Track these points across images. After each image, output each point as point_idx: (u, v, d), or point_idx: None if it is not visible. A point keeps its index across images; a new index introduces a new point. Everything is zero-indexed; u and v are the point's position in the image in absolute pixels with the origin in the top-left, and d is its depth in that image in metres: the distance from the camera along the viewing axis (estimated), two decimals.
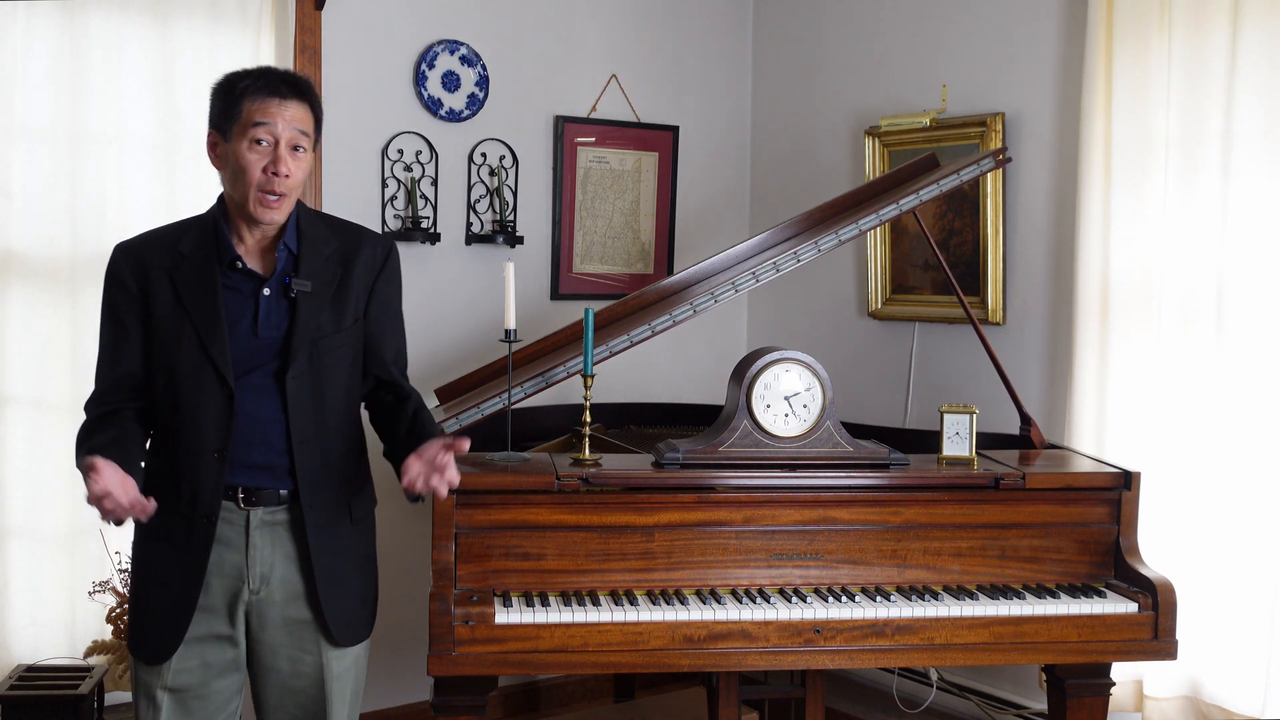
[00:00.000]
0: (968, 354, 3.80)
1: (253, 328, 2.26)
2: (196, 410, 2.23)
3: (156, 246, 2.30)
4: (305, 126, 2.25)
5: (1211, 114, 3.15)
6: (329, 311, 2.31)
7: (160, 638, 2.26)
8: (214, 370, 2.22)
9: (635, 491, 2.71)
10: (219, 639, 2.30)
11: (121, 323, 2.28)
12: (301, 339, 2.27)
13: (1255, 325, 3.10)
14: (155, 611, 2.27)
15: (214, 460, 2.23)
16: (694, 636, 2.60)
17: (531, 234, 4.16)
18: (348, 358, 2.36)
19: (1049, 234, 3.66)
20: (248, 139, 2.21)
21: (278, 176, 2.21)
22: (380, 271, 2.40)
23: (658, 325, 2.93)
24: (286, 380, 2.25)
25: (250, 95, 2.22)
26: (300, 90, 2.26)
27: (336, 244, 2.36)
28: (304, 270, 2.29)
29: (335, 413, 2.34)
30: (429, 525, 2.70)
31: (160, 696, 2.27)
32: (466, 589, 2.63)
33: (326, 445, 2.32)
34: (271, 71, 2.27)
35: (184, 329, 2.23)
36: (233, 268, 2.27)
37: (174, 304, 2.25)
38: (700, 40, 4.53)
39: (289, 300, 2.27)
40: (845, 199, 3.34)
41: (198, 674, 2.29)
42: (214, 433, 2.23)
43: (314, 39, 3.66)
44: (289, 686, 2.35)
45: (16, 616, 3.33)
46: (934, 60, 3.97)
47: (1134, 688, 3.32)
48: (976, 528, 2.82)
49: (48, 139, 3.32)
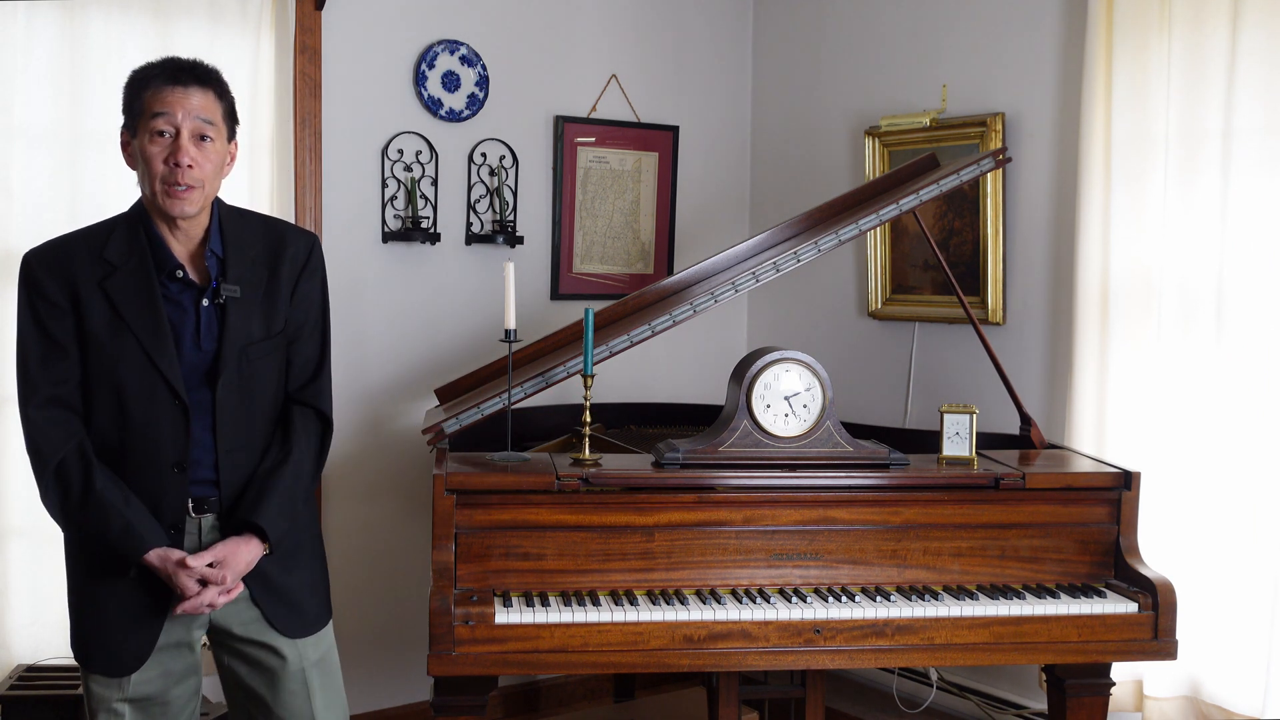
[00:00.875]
0: (968, 354, 3.80)
1: (195, 340, 2.20)
2: (149, 426, 2.17)
3: (80, 255, 2.19)
4: (210, 115, 2.17)
5: (1211, 113, 3.15)
6: (258, 317, 2.25)
7: (128, 649, 2.21)
8: (166, 386, 2.16)
9: (635, 491, 2.71)
10: (179, 646, 2.27)
11: (51, 337, 2.17)
12: (231, 348, 2.20)
13: (1255, 324, 3.10)
14: (118, 623, 2.21)
15: (174, 474, 2.20)
16: (694, 636, 2.60)
17: (531, 234, 4.16)
18: (276, 365, 2.30)
19: (1049, 234, 3.66)
20: (149, 131, 2.14)
21: (179, 168, 2.13)
22: (302, 270, 2.33)
23: (658, 325, 2.92)
24: (217, 390, 2.20)
25: (150, 85, 2.15)
26: (202, 78, 2.18)
27: (262, 244, 2.29)
28: (231, 275, 2.22)
29: (262, 421, 2.29)
30: (429, 525, 2.70)
31: (121, 708, 2.23)
32: (466, 589, 2.63)
33: (252, 453, 2.28)
34: (173, 61, 2.19)
35: (126, 343, 2.15)
36: (173, 277, 2.19)
37: (111, 317, 2.16)
38: (700, 40, 4.53)
39: (219, 307, 2.21)
40: (845, 199, 3.34)
41: (158, 683, 2.26)
42: (171, 448, 2.19)
43: (314, 39, 3.66)
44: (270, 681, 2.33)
45: (16, 616, 3.33)
46: (934, 60, 3.97)
47: (1134, 688, 3.32)
48: (976, 528, 2.82)
49: (48, 139, 3.32)
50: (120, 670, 2.22)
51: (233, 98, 2.26)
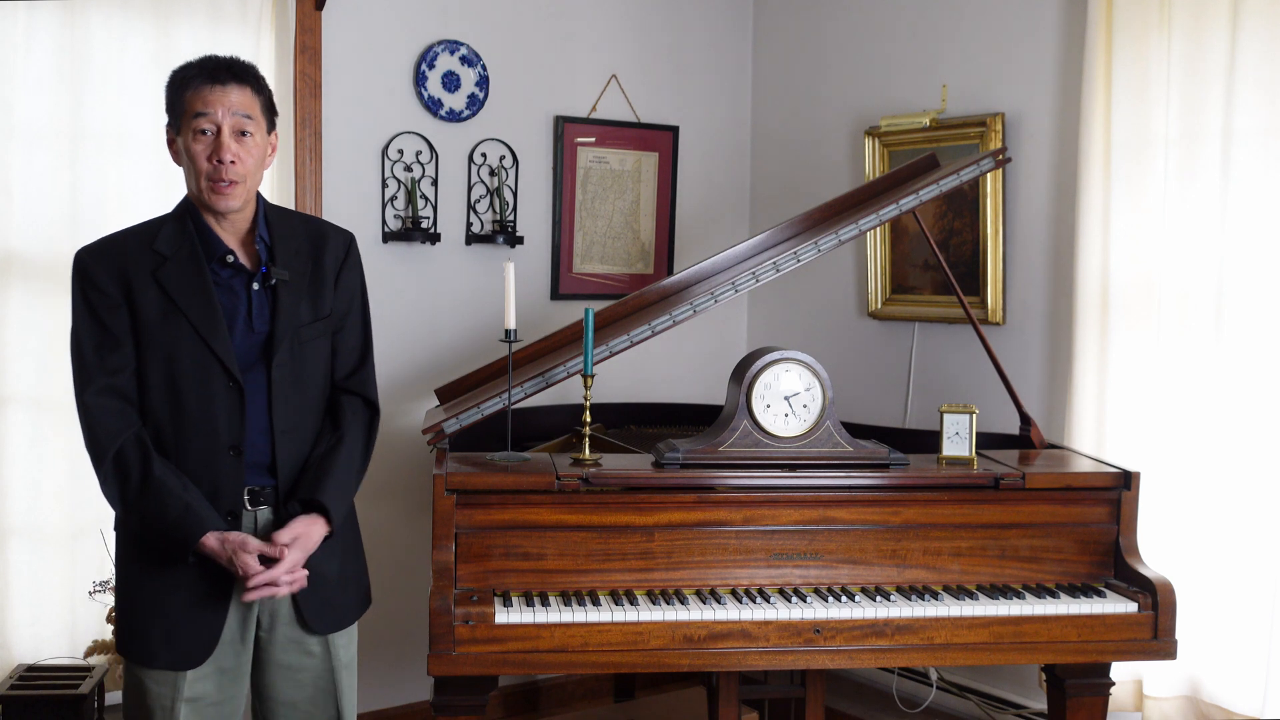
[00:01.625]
0: (968, 354, 3.80)
1: (248, 323, 2.25)
2: (205, 409, 2.21)
3: (130, 247, 2.25)
4: (249, 110, 2.23)
5: (1211, 113, 3.15)
6: (306, 301, 2.31)
7: (189, 645, 2.22)
8: (221, 367, 2.20)
9: (635, 491, 2.71)
10: (232, 643, 2.29)
11: (106, 329, 2.21)
12: (284, 329, 2.26)
13: (1255, 324, 3.10)
14: (179, 618, 2.22)
15: (230, 458, 2.22)
16: (694, 636, 2.60)
17: (531, 234, 4.16)
18: (324, 349, 2.36)
19: (1049, 234, 3.66)
20: (192, 130, 2.20)
21: (222, 164, 2.19)
22: (344, 263, 2.40)
23: (658, 325, 2.92)
24: (271, 370, 2.24)
25: (190, 86, 2.21)
26: (240, 75, 2.23)
27: (304, 236, 2.36)
28: (279, 261, 2.28)
29: (314, 403, 2.34)
30: (429, 525, 2.70)
31: (178, 708, 2.24)
32: (466, 589, 2.63)
33: (304, 438, 2.32)
34: (211, 59, 2.24)
35: (180, 328, 2.20)
36: (223, 263, 2.25)
37: (165, 304, 2.21)
38: (700, 40, 4.53)
39: (270, 291, 2.27)
40: (845, 199, 3.34)
41: (214, 680, 2.28)
42: (227, 430, 2.22)
43: (314, 39, 3.66)
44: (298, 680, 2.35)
45: (16, 616, 3.33)
46: (934, 60, 3.97)
47: (1134, 687, 3.32)
48: (976, 528, 2.82)
49: (48, 139, 3.32)
50: (186, 664, 2.23)
51: (270, 91, 2.32)
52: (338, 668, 2.38)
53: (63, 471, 3.34)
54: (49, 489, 3.34)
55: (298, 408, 2.30)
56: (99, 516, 3.40)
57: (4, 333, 3.30)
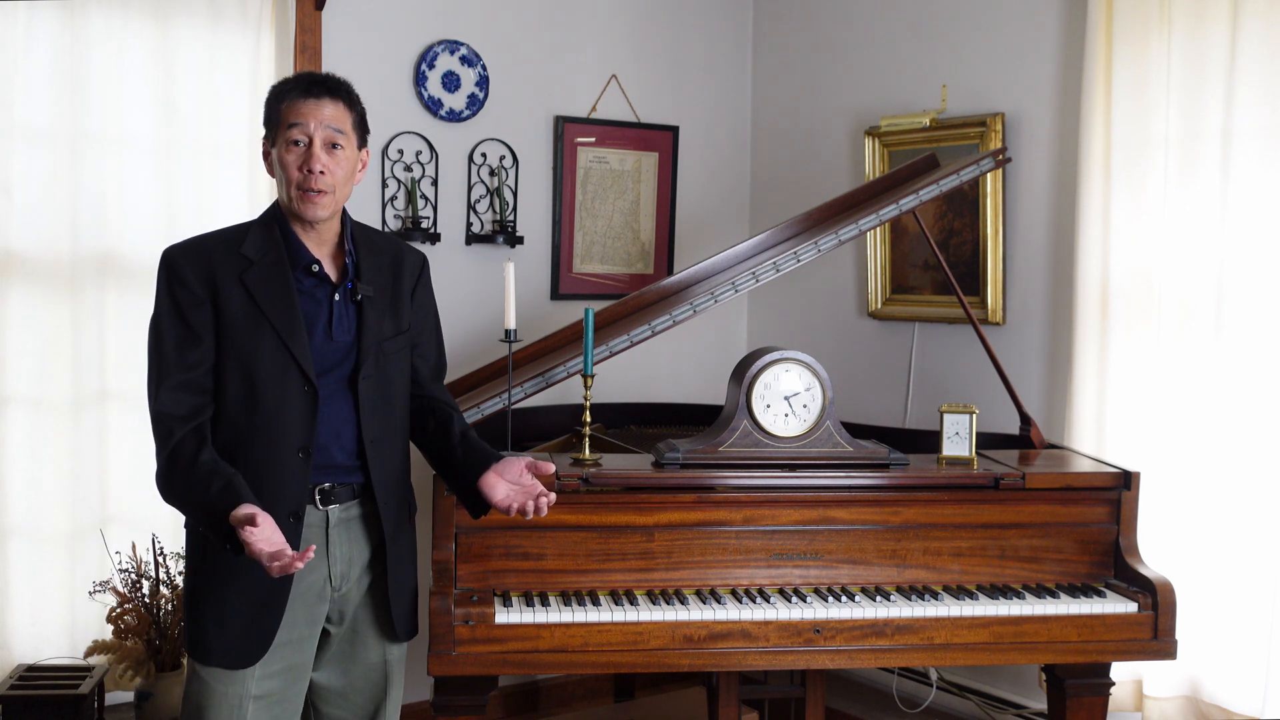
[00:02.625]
0: (968, 354, 3.80)
1: (327, 331, 2.29)
2: (279, 410, 2.24)
3: (218, 250, 2.29)
4: (340, 124, 2.29)
5: (1211, 113, 3.15)
6: (389, 316, 2.37)
7: (248, 642, 2.25)
8: (298, 369, 2.24)
9: (635, 491, 2.71)
10: (300, 641, 2.31)
11: (188, 325, 2.24)
12: (370, 342, 2.32)
13: (1255, 324, 3.10)
14: (239, 616, 2.25)
15: (299, 459, 2.25)
16: (694, 636, 2.60)
17: (531, 234, 4.16)
18: (405, 362, 2.42)
19: (1049, 234, 3.66)
20: (285, 141, 2.27)
21: (312, 174, 2.24)
22: (418, 280, 2.48)
23: (658, 325, 2.93)
24: (359, 382, 2.30)
25: (286, 98, 2.29)
26: (333, 89, 2.30)
27: (388, 253, 2.43)
28: (365, 276, 2.35)
29: (398, 413, 2.40)
30: (429, 525, 2.70)
31: (246, 705, 2.26)
32: (467, 589, 2.63)
33: (393, 445, 2.37)
34: (308, 75, 2.34)
35: (262, 330, 2.24)
36: (308, 271, 2.30)
37: (248, 306, 2.24)
38: (700, 40, 4.53)
39: (355, 304, 2.33)
40: (845, 199, 3.34)
41: (281, 678, 2.30)
42: (298, 432, 2.25)
43: (314, 39, 3.66)
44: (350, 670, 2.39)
45: (16, 616, 3.33)
46: (934, 60, 3.97)
47: (1134, 687, 3.32)
48: (976, 528, 2.82)
49: (48, 139, 3.31)
50: (238, 662, 2.25)
51: (363, 108, 2.38)
52: (391, 661, 2.42)
53: (63, 471, 3.34)
54: (49, 489, 3.34)
55: (385, 418, 2.35)
56: (99, 516, 3.40)
57: (4, 333, 3.30)
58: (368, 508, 2.35)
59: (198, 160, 3.49)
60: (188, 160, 3.46)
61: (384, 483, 2.34)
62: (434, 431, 2.45)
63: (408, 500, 2.44)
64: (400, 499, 2.40)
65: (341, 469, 2.31)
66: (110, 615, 3.26)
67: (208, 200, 3.48)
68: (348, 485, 2.32)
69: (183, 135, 3.46)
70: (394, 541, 2.36)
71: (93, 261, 3.36)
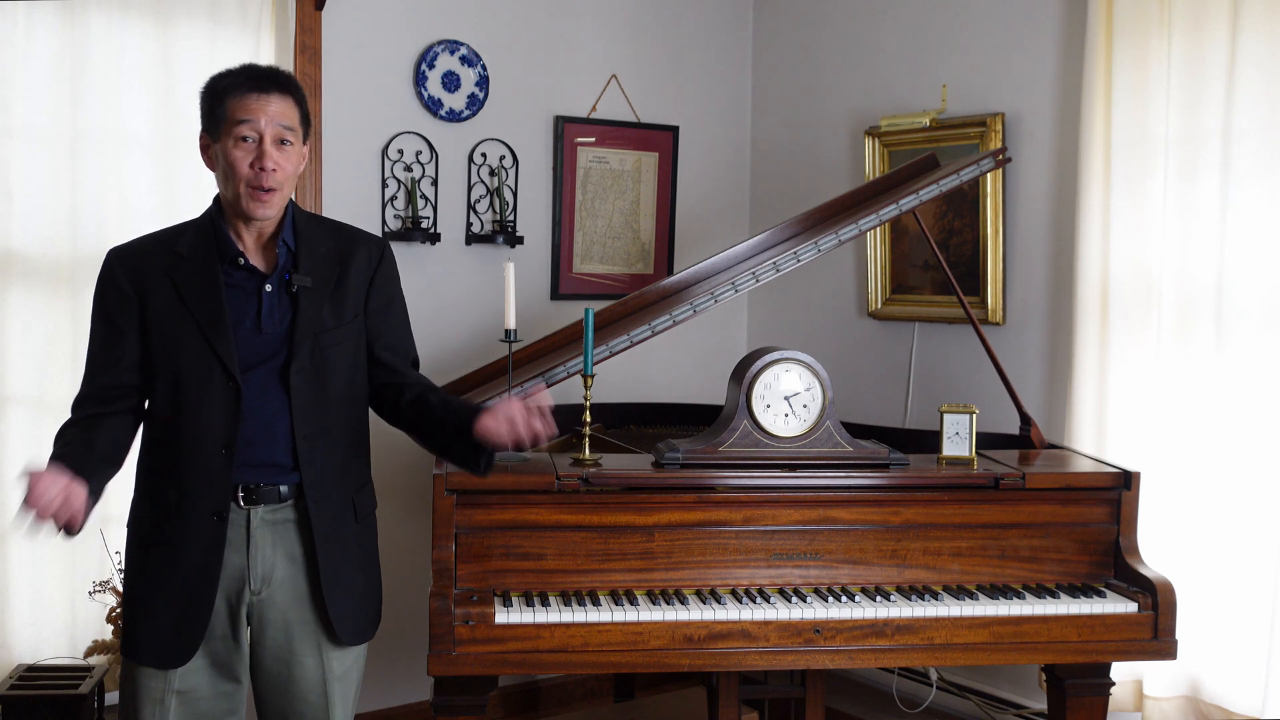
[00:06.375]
0: (968, 354, 3.80)
1: (256, 324, 2.27)
2: (201, 407, 2.23)
3: (152, 248, 2.31)
4: (289, 120, 2.26)
5: (1211, 115, 3.15)
6: (329, 307, 2.32)
7: (176, 642, 2.24)
8: (220, 365, 2.22)
9: (635, 491, 2.71)
10: (225, 639, 2.29)
11: (114, 324, 2.28)
12: (304, 334, 2.28)
13: (1255, 325, 3.10)
14: (164, 616, 2.24)
15: (221, 456, 2.23)
16: (694, 636, 2.60)
17: (531, 234, 4.16)
18: (349, 354, 2.36)
19: (1049, 234, 3.66)
20: (233, 137, 2.23)
21: (264, 171, 2.22)
22: (377, 269, 2.42)
23: (658, 325, 2.93)
24: (290, 375, 2.26)
25: (232, 94, 2.24)
26: (282, 84, 2.27)
27: (333, 243, 2.38)
28: (303, 267, 2.31)
29: (339, 408, 2.34)
30: (429, 525, 2.70)
31: (169, 700, 2.25)
32: (466, 589, 2.63)
33: (331, 440, 2.32)
34: (253, 68, 2.28)
35: (186, 326, 2.23)
36: (234, 264, 2.28)
37: (175, 302, 2.25)
38: (700, 40, 4.53)
39: (290, 296, 2.29)
40: (845, 199, 3.34)
41: (205, 674, 2.28)
42: (220, 429, 2.23)
43: (314, 39, 3.66)
44: (289, 690, 2.34)
45: (16, 616, 3.33)
46: (934, 60, 3.97)
47: (1134, 687, 3.32)
48: (976, 528, 2.82)
49: (48, 139, 3.32)
50: (167, 663, 2.25)
51: (307, 103, 2.35)
52: (330, 679, 2.35)
53: None
54: None
55: (322, 412, 2.30)
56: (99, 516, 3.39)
57: (4, 333, 3.30)
58: (300, 510, 2.29)
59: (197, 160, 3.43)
60: (187, 160, 3.45)
61: (319, 482, 2.29)
62: (410, 405, 2.41)
63: (354, 499, 2.38)
64: (342, 498, 2.34)
65: (274, 467, 2.27)
66: (110, 615, 3.26)
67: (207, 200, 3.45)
68: (274, 487, 2.27)
69: (183, 135, 3.45)
70: (330, 543, 2.31)
71: (93, 261, 3.33)
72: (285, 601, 2.31)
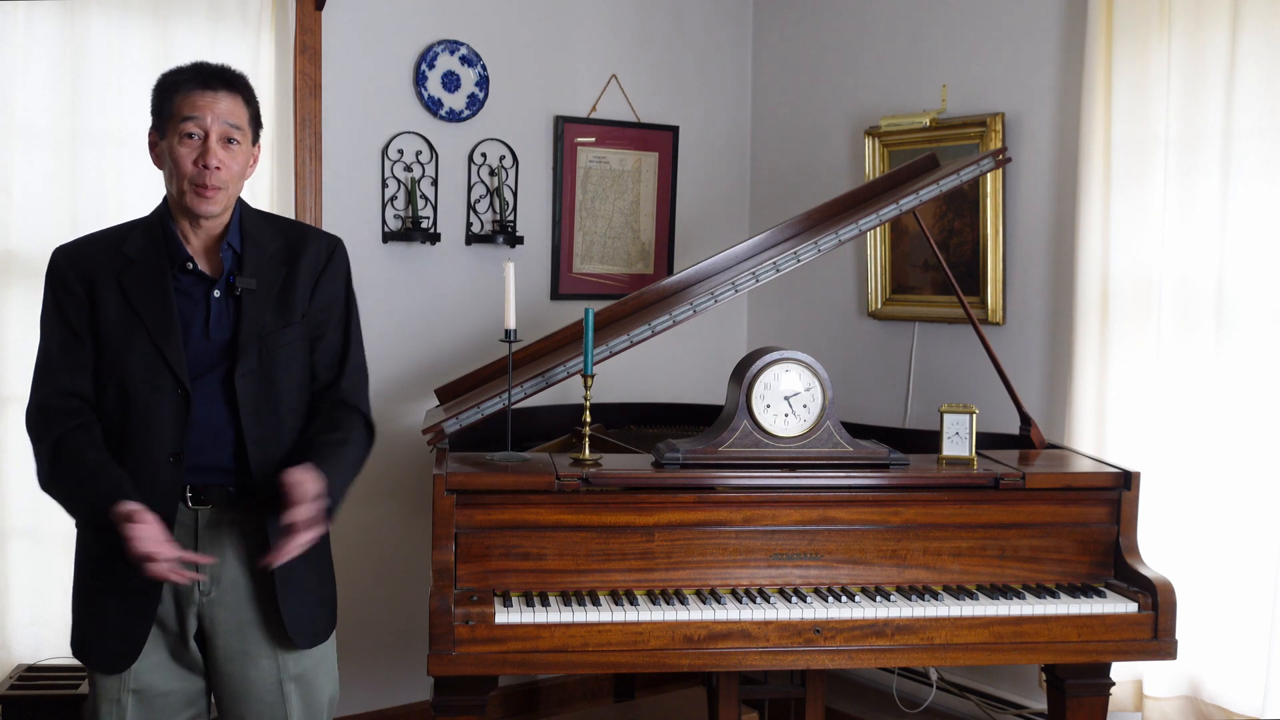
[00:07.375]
0: (968, 354, 3.80)
1: (204, 331, 2.24)
2: (150, 414, 2.20)
3: (100, 249, 2.26)
4: (237, 119, 2.23)
5: (1211, 115, 3.15)
6: (274, 309, 2.28)
7: (118, 649, 2.22)
8: (170, 374, 2.19)
9: (635, 491, 2.71)
10: (178, 639, 2.27)
11: (70, 327, 2.24)
12: (248, 337, 2.24)
13: (1255, 325, 3.10)
14: (110, 622, 2.22)
15: (170, 464, 2.20)
16: (694, 636, 2.60)
17: (531, 234, 4.16)
18: (298, 354, 2.32)
19: (1049, 234, 3.66)
20: (179, 134, 2.20)
21: (208, 169, 2.19)
22: (324, 269, 2.36)
23: (658, 325, 2.93)
24: (236, 379, 2.22)
25: (180, 90, 2.22)
26: (231, 83, 2.24)
27: (281, 242, 2.34)
28: (247, 269, 2.27)
29: (289, 410, 2.31)
30: (429, 525, 2.70)
31: (125, 699, 2.24)
32: (466, 589, 2.63)
33: (281, 443, 2.28)
34: (203, 66, 2.26)
35: (135, 332, 2.20)
36: (184, 270, 2.24)
37: (123, 308, 2.21)
38: (700, 40, 4.53)
39: (234, 299, 2.26)
40: (845, 199, 3.34)
41: (163, 671, 2.27)
42: (169, 436, 2.20)
43: (314, 39, 3.66)
44: (245, 692, 2.31)
45: (16, 616, 3.33)
46: (934, 60, 3.97)
47: (1134, 687, 3.32)
48: (976, 528, 2.82)
49: (48, 139, 3.32)
50: (112, 668, 2.23)
51: (258, 103, 2.32)
52: (284, 680, 2.32)
53: None
54: None
55: (270, 416, 2.27)
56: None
57: (4, 333, 3.30)
58: (250, 510, 2.26)
59: None
60: None
61: (270, 483, 2.23)
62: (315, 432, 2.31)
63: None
64: None
65: (220, 471, 2.24)
66: None
67: None
68: (223, 488, 2.24)
69: None
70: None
71: None
72: (236, 603, 2.28)
